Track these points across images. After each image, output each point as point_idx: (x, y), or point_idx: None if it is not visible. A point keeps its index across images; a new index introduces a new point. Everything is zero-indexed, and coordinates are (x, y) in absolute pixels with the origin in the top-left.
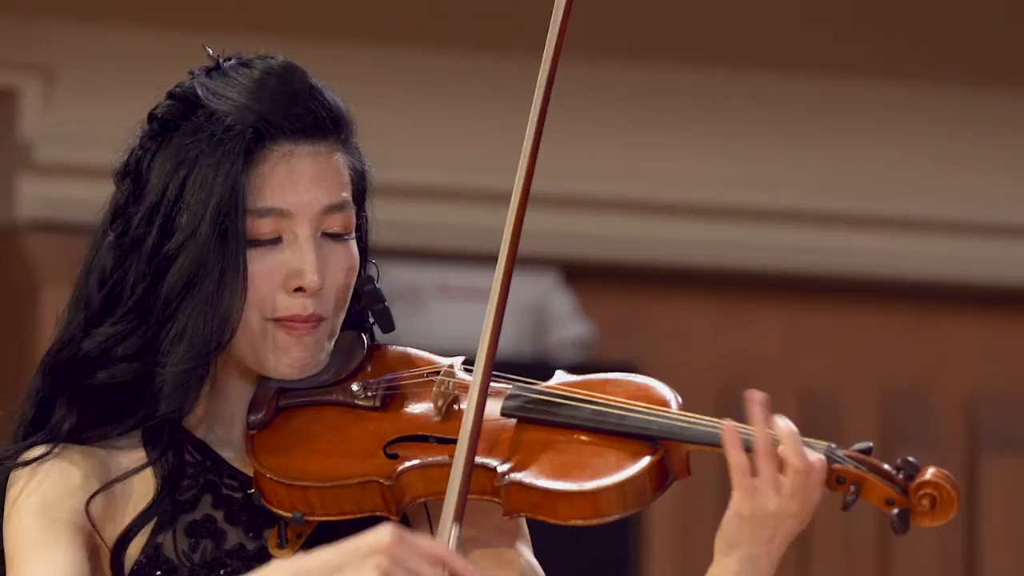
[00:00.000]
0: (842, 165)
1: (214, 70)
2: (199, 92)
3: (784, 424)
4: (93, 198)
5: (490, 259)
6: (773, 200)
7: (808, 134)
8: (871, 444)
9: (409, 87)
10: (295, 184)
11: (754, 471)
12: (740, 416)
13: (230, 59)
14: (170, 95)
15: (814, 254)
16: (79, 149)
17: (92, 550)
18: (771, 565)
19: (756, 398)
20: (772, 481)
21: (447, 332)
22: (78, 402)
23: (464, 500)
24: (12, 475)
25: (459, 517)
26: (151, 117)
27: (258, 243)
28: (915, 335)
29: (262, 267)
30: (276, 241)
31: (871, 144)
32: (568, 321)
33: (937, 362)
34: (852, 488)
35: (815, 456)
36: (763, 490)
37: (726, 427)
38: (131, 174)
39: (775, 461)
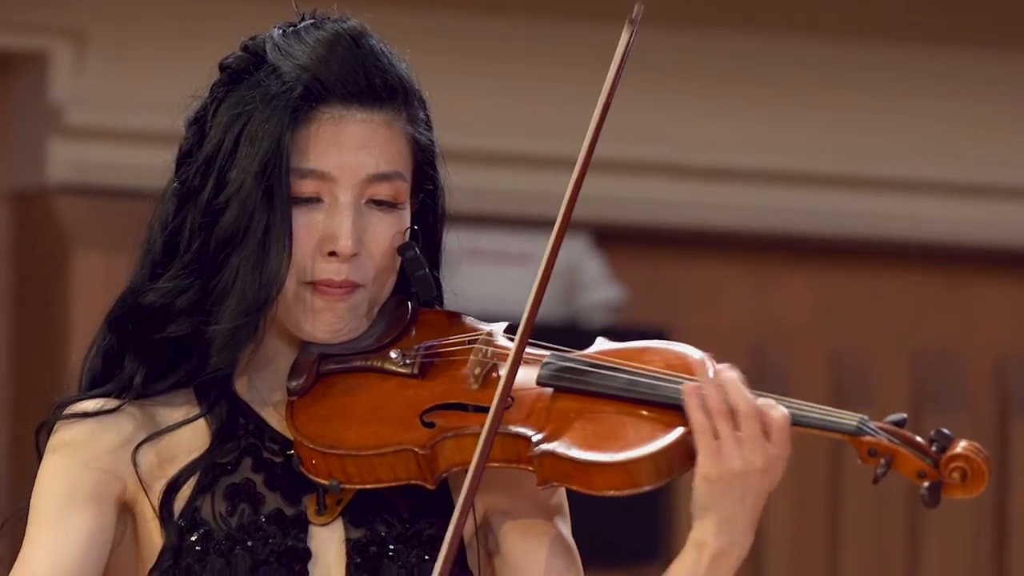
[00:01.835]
0: (872, 129)
1: (290, 27)
2: (267, 47)
3: (728, 373)
4: (123, 161)
5: (521, 222)
6: (803, 164)
7: (838, 98)
8: (905, 416)
9: (436, 50)
10: (340, 148)
11: (715, 432)
12: (771, 382)
13: (311, 18)
14: (243, 47)
15: (844, 218)
16: (109, 113)
17: (130, 507)
18: (750, 524)
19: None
20: (732, 438)
21: (477, 296)
22: (145, 355)
23: (482, 468)
24: (59, 423)
25: (476, 486)
26: (221, 66)
27: (297, 201)
28: (944, 298)
29: (297, 226)
30: (316, 201)
31: (901, 108)
32: (599, 284)
33: (966, 325)
34: (883, 460)
35: (770, 407)
36: (725, 450)
37: (686, 387)
38: (198, 121)
39: (728, 415)
